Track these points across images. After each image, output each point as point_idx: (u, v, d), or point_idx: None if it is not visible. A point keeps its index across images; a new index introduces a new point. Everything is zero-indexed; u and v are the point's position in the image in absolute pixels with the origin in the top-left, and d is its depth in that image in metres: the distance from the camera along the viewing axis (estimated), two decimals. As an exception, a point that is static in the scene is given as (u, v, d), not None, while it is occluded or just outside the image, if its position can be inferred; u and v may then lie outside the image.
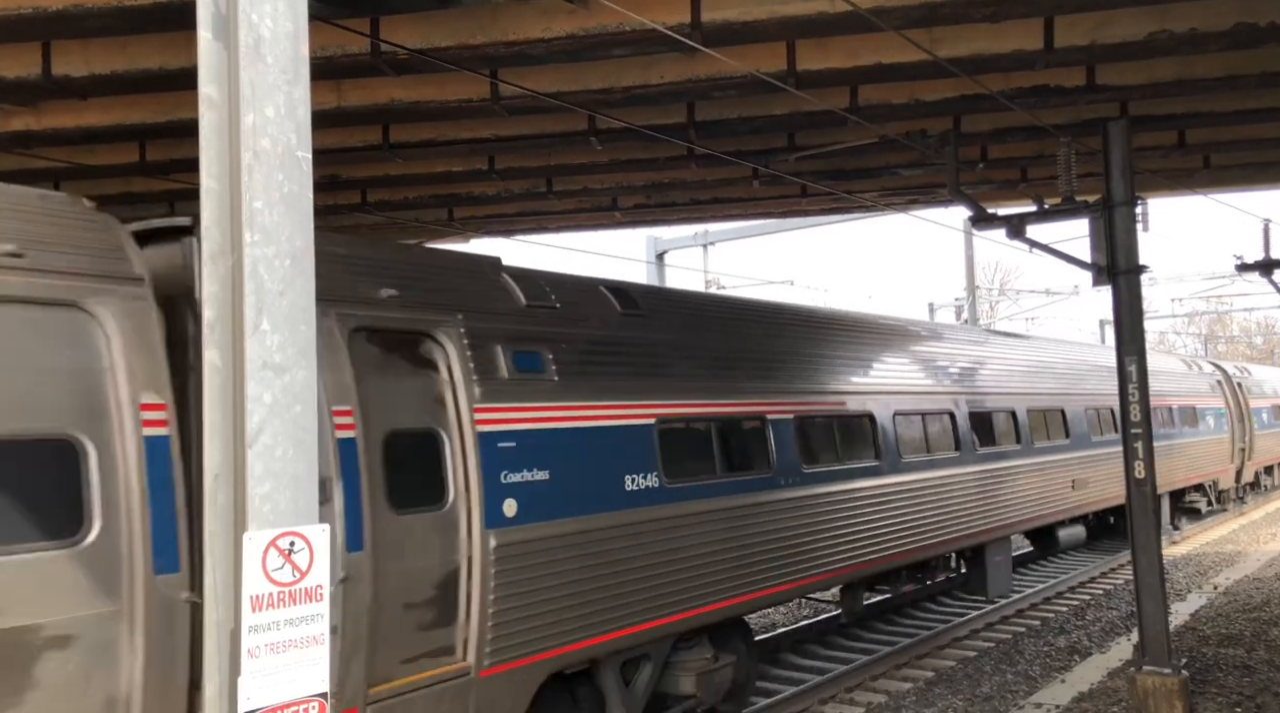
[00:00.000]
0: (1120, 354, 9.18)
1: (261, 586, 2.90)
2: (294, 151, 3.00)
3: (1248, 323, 64.71)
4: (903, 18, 7.31)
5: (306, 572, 3.00)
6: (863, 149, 10.92)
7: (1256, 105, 10.14)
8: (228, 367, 2.94)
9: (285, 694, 2.93)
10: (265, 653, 2.89)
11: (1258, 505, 25.69)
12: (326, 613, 3.06)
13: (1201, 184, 14.06)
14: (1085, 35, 8.00)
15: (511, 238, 17.30)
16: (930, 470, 11.20)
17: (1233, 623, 12.26)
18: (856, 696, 10.16)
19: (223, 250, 2.95)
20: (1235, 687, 9.46)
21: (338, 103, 9.04)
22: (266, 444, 2.91)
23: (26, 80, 8.17)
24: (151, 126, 9.57)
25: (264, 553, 2.91)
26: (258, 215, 2.92)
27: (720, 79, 8.58)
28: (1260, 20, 7.62)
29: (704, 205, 14.79)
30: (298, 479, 2.98)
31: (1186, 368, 22.73)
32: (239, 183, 2.91)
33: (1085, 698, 9.32)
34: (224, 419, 2.93)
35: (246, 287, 2.89)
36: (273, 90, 2.97)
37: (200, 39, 2.96)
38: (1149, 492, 9.00)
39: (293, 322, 2.98)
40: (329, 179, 11.97)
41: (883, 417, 10.55)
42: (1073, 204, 9.36)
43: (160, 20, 7.13)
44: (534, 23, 7.57)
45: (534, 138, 10.47)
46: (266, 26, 2.96)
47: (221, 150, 2.96)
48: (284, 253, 2.97)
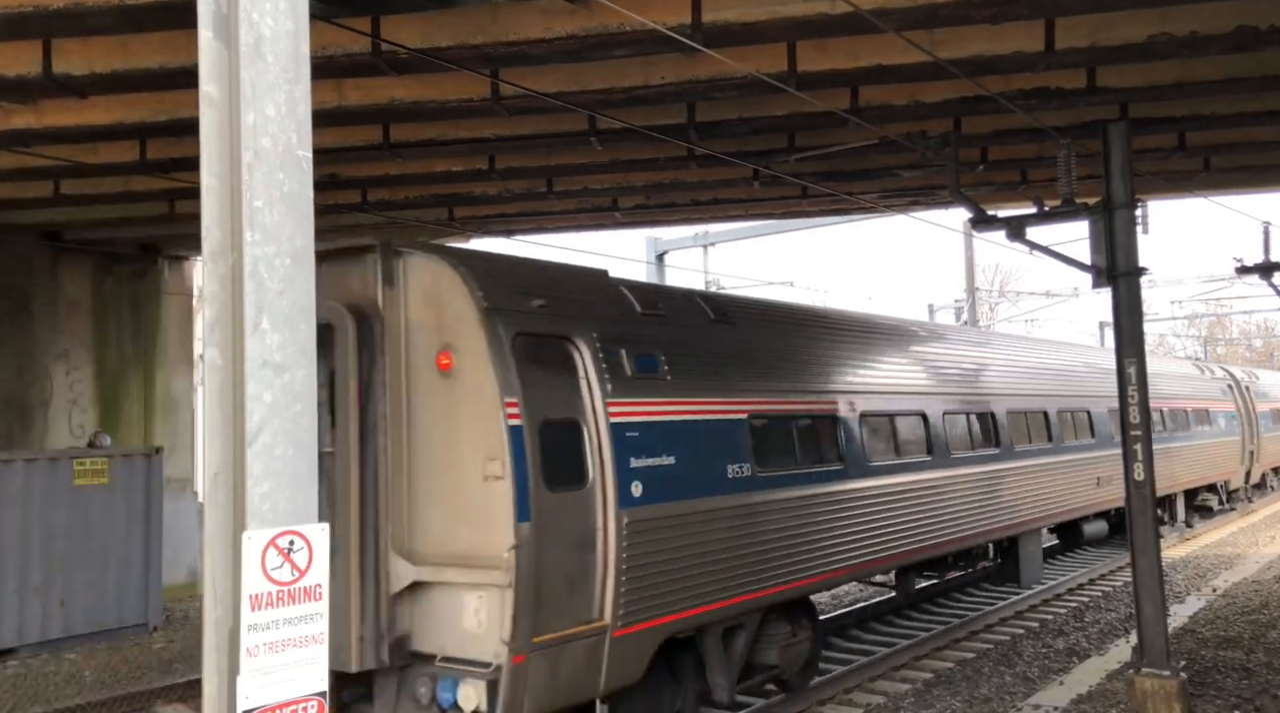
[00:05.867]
0: (1120, 356, 9.17)
1: (261, 584, 2.89)
2: (294, 151, 3.00)
3: (1247, 326, 64.74)
4: (903, 19, 7.31)
5: (305, 571, 3.00)
6: (863, 150, 10.92)
7: (1257, 108, 10.14)
8: (228, 365, 2.93)
9: (284, 693, 2.93)
10: (264, 652, 2.89)
11: (1260, 507, 25.72)
12: (326, 612, 3.05)
13: (1201, 187, 14.07)
14: (1086, 37, 8.00)
15: (511, 238, 17.30)
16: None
17: (1231, 626, 12.25)
18: (855, 697, 10.16)
19: (223, 249, 2.95)
20: (1234, 689, 9.45)
21: (338, 102, 9.04)
22: (266, 443, 2.91)
23: (27, 78, 8.18)
24: (152, 125, 9.57)
25: (263, 552, 2.90)
26: (258, 214, 2.92)
27: (721, 80, 8.58)
28: (1261, 23, 7.62)
29: (704, 206, 14.79)
30: (297, 478, 2.98)
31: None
32: (239, 182, 2.91)
33: (1084, 700, 9.32)
34: (224, 418, 2.93)
35: (247, 286, 2.89)
36: (273, 89, 2.96)
37: (201, 38, 2.96)
38: (1148, 494, 9.00)
39: (293, 321, 2.97)
40: (329, 178, 11.97)
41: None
42: (1073, 206, 9.36)
43: (161, 19, 7.13)
44: (535, 23, 7.57)
45: (534, 138, 10.47)
46: (267, 25, 2.95)
47: (222, 149, 2.95)
48: (284, 252, 2.97)
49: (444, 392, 6.64)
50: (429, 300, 6.72)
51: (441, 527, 6.62)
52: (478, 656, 6.37)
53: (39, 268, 15.56)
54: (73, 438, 15.63)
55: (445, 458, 6.63)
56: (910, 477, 10.60)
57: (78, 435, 15.67)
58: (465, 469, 6.52)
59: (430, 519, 6.65)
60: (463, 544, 6.51)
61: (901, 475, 10.46)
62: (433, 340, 6.69)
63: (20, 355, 15.27)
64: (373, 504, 6.60)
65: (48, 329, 15.65)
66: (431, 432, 6.68)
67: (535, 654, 6.32)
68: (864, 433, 9.98)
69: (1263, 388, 27.36)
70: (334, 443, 6.61)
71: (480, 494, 6.42)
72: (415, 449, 6.72)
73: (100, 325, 16.40)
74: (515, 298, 6.84)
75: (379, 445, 6.63)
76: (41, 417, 15.51)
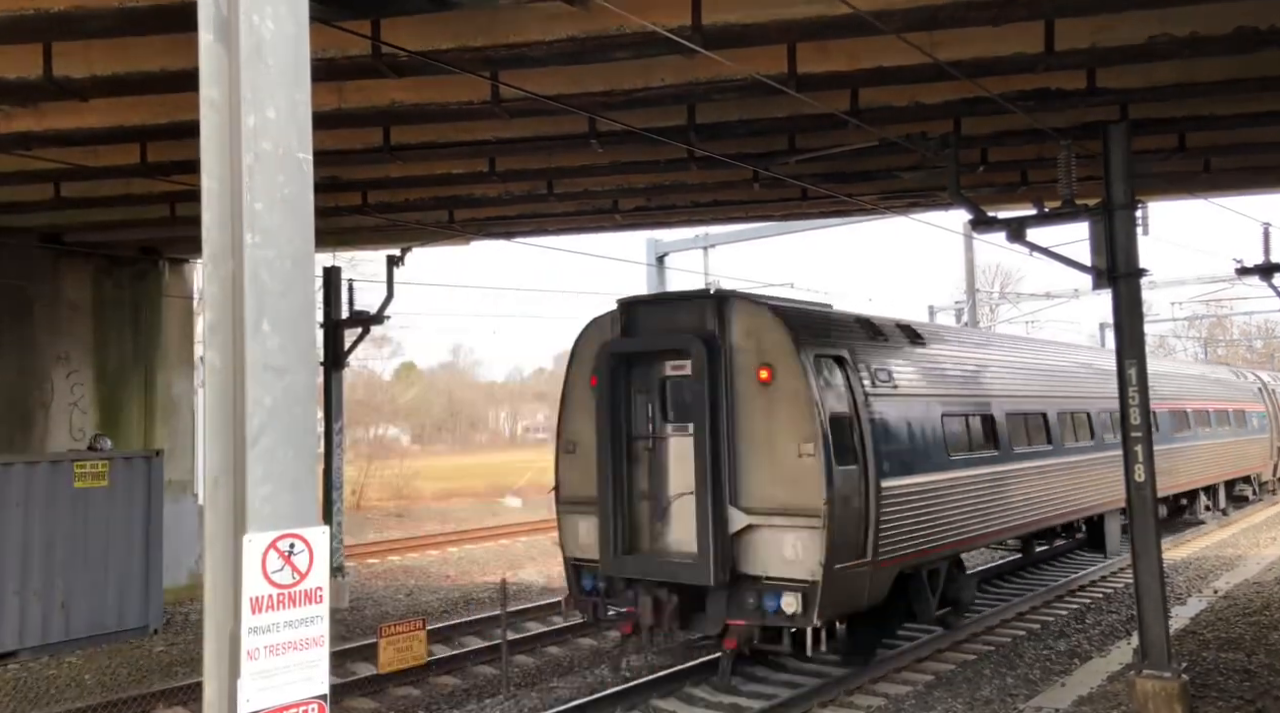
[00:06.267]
0: (1120, 357, 9.17)
1: (261, 587, 2.89)
2: (295, 153, 3.00)
3: (1248, 327, 64.71)
4: (903, 20, 7.31)
5: (306, 574, 3.00)
6: (863, 152, 10.91)
7: (1257, 109, 10.13)
8: (228, 368, 2.93)
9: (285, 697, 2.92)
10: (265, 655, 2.88)
11: (1257, 511, 25.74)
12: (326, 615, 3.05)
13: (1202, 188, 14.06)
14: (1086, 38, 7.99)
15: (511, 240, 17.30)
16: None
17: (1233, 627, 12.24)
18: (857, 699, 10.15)
19: (223, 252, 2.94)
20: (1235, 691, 9.44)
21: (339, 105, 9.04)
22: (267, 446, 2.90)
23: (28, 81, 8.17)
24: (152, 128, 9.57)
25: (264, 555, 2.90)
26: (259, 217, 2.92)
27: (721, 81, 8.57)
28: (1261, 24, 7.62)
29: (704, 208, 14.78)
30: (298, 481, 2.97)
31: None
32: (240, 185, 2.90)
33: (1085, 702, 9.31)
34: (224, 421, 2.92)
35: (247, 289, 2.88)
36: (274, 92, 2.96)
37: (201, 41, 2.96)
38: (1148, 495, 8.99)
39: (293, 324, 2.97)
40: (330, 181, 11.97)
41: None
42: (1073, 207, 9.36)
43: (161, 22, 7.12)
44: (534, 25, 7.56)
45: (535, 140, 10.47)
46: (268, 28, 2.95)
47: (222, 152, 2.95)
48: (285, 255, 2.96)
49: (764, 395, 9.59)
50: (749, 333, 9.74)
51: (762, 489, 9.52)
52: (795, 575, 9.28)
53: (39, 271, 15.56)
54: (73, 441, 15.63)
55: (764, 441, 9.54)
56: (1041, 462, 13.84)
57: (78, 438, 15.66)
58: (782, 449, 9.42)
59: (753, 484, 9.57)
60: (781, 500, 9.40)
61: (1036, 460, 13.70)
62: (752, 360, 9.64)
63: (21, 358, 15.27)
64: (718, 473, 9.59)
65: (48, 332, 15.65)
66: (753, 422, 9.61)
67: (834, 576, 9.16)
68: (1009, 425, 13.04)
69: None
70: (694, 429, 9.76)
71: (796, 467, 9.28)
72: (740, 435, 9.65)
73: (101, 328, 16.40)
74: (808, 331, 9.85)
75: (720, 430, 9.64)
76: (42, 419, 15.51)
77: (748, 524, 9.46)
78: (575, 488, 10.84)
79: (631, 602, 9.95)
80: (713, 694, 10.30)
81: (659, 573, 9.88)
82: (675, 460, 10.12)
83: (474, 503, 37.12)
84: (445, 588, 18.18)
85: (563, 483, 11.05)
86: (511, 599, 12.97)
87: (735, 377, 9.66)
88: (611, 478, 10.16)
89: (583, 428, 10.74)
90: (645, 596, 9.80)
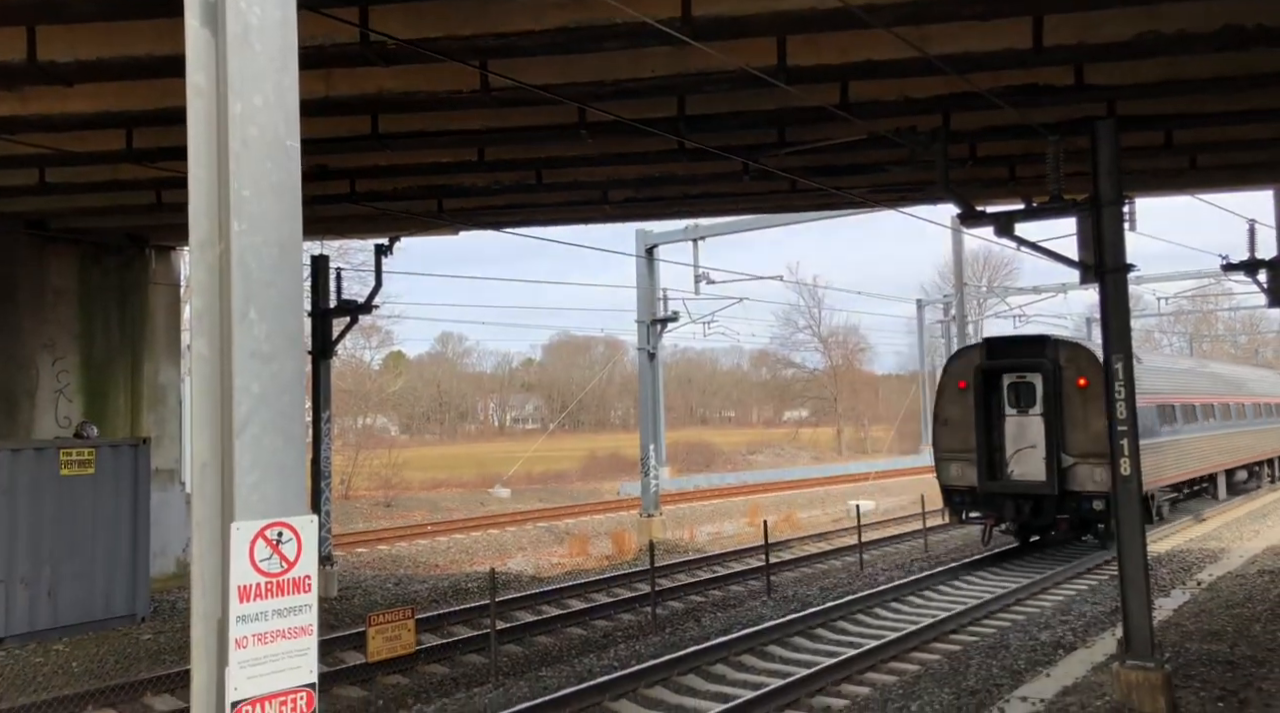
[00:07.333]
0: (1106, 352, 9.22)
1: (249, 576, 2.89)
2: (282, 140, 2.98)
3: (1232, 322, 65.15)
4: (893, 14, 7.32)
5: (294, 562, 3.00)
6: (852, 145, 10.92)
7: (1243, 107, 10.19)
8: (215, 356, 2.92)
9: (273, 685, 2.92)
10: (253, 643, 2.89)
11: (1241, 504, 26.05)
12: (315, 603, 3.05)
13: (1188, 184, 14.13)
14: (1074, 35, 8.02)
15: (500, 230, 17.26)
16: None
17: (1216, 619, 12.36)
18: (844, 688, 10.21)
19: (210, 239, 2.93)
20: (1218, 681, 9.53)
21: (326, 92, 8.99)
22: (255, 434, 2.90)
23: (11, 65, 8.09)
24: (138, 114, 9.50)
25: (252, 544, 2.90)
26: (246, 204, 2.91)
27: (711, 73, 8.57)
28: (1248, 22, 7.65)
29: (694, 199, 14.78)
30: (286, 470, 2.97)
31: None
32: (227, 171, 2.89)
33: (1070, 692, 9.38)
34: (211, 409, 2.92)
35: (234, 276, 2.87)
36: (261, 79, 2.95)
37: (188, 26, 2.94)
38: (1134, 489, 9.06)
39: (281, 311, 2.96)
40: (318, 169, 11.92)
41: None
42: (1061, 203, 9.38)
43: (147, 7, 7.08)
44: (524, 14, 7.54)
45: (524, 130, 10.44)
46: (255, 14, 2.94)
47: (209, 138, 2.94)
48: (272, 242, 2.95)
49: (1080, 395, 17.42)
50: (1070, 359, 17.82)
51: (1078, 445, 17.31)
52: (1098, 489, 16.74)
53: (24, 257, 15.45)
54: (59, 428, 15.54)
55: (1080, 420, 17.32)
56: (1236, 429, 25.85)
57: (64, 426, 15.58)
58: (1092, 424, 16.82)
59: (1073, 442, 17.39)
60: (1089, 449, 16.96)
61: (1232, 428, 25.61)
62: (1074, 374, 17.59)
63: (6, 345, 15.17)
64: (1055, 435, 17.50)
65: (34, 319, 15.55)
66: (1073, 408, 17.48)
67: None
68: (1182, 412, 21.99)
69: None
70: (1043, 412, 17.88)
71: (1102, 433, 12.81)
72: (1066, 416, 17.54)
73: (87, 315, 16.31)
74: (1100, 357, 13.34)
75: (1057, 411, 17.60)
76: (28, 407, 15.42)
77: (1073, 463, 17.33)
78: (948, 444, 19.04)
79: (994, 508, 18.25)
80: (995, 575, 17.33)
81: (1020, 490, 17.90)
82: (1015, 429, 18.32)
83: (462, 493, 37.14)
84: (434, 577, 18.18)
85: (940, 443, 19.29)
86: (500, 589, 13.07)
87: (1063, 384, 17.67)
88: (985, 439, 18.38)
89: (953, 412, 18.95)
90: (1010, 503, 17.95)
